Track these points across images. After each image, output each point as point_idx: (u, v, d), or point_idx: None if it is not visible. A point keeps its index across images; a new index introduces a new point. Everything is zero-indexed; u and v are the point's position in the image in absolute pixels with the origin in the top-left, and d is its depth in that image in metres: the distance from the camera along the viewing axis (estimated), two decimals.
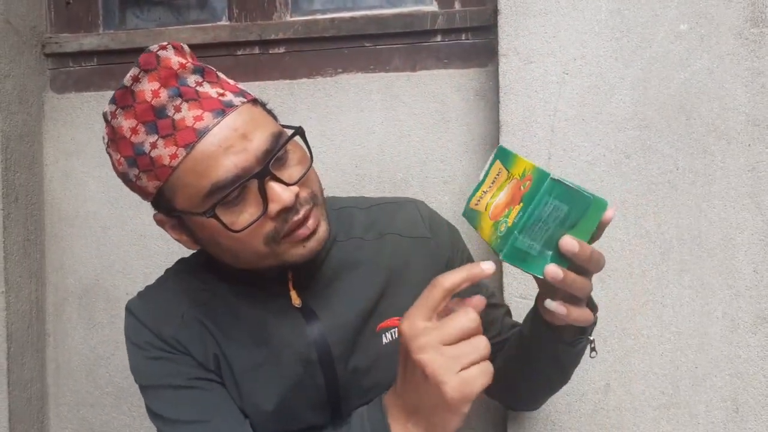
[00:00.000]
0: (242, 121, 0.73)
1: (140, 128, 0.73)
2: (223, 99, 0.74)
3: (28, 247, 1.44)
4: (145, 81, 0.73)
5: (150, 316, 0.87)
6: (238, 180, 0.71)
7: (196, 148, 0.71)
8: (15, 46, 1.40)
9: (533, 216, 0.59)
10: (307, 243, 0.77)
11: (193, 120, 0.72)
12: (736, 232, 1.15)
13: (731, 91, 1.14)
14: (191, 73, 0.75)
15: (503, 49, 1.19)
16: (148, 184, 0.76)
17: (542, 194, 0.59)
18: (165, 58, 0.74)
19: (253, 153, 0.72)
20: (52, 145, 1.48)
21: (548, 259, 0.62)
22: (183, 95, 0.73)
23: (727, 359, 1.15)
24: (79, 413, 1.49)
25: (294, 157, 0.77)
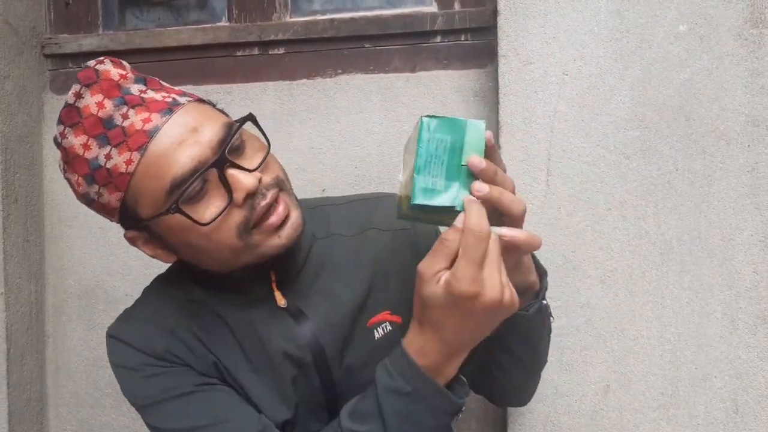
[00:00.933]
0: (191, 117, 0.74)
1: (92, 142, 0.73)
2: (168, 100, 0.75)
3: (27, 248, 1.44)
4: (87, 95, 0.73)
5: (138, 337, 0.85)
6: (195, 172, 0.71)
7: (149, 148, 0.71)
8: (14, 46, 1.40)
9: (421, 155, 0.64)
10: (282, 231, 0.76)
11: (141, 123, 0.72)
12: (736, 233, 1.15)
13: (731, 91, 1.14)
14: (133, 83, 0.75)
15: (503, 50, 1.19)
16: (110, 198, 0.75)
17: (421, 133, 0.64)
18: (104, 71, 0.74)
19: (207, 144, 0.72)
20: (51, 147, 1.48)
21: (456, 189, 0.65)
22: (128, 102, 0.73)
23: (726, 360, 1.15)
24: (78, 414, 1.49)
25: (251, 146, 0.77)
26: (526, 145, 1.18)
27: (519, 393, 0.99)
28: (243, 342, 0.86)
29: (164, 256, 0.81)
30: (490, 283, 0.62)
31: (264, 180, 0.75)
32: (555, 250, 1.18)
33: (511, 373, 0.90)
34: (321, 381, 0.86)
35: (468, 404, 1.33)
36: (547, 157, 1.18)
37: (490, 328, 0.68)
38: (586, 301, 1.18)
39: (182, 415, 0.82)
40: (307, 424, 0.87)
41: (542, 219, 1.18)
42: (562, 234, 1.18)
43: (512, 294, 0.65)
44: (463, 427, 1.33)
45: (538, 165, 1.18)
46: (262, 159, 0.76)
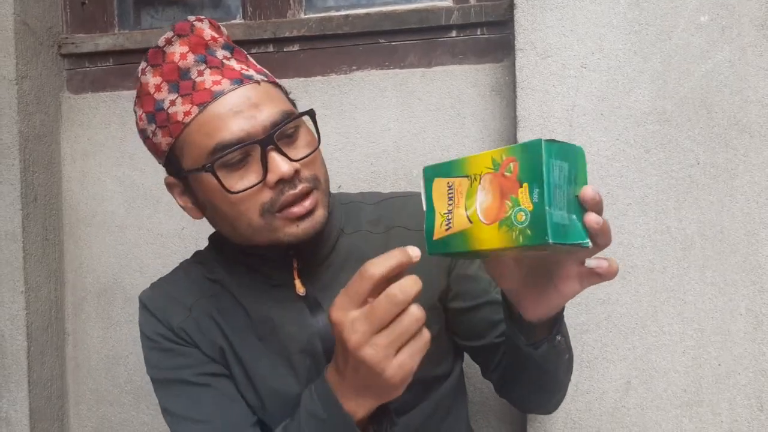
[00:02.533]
0: (257, 94, 0.77)
1: (164, 86, 0.78)
2: (245, 72, 0.79)
3: (46, 246, 1.45)
4: (176, 44, 0.79)
5: (159, 307, 0.89)
6: (240, 142, 0.74)
7: (209, 108, 0.75)
8: (31, 47, 1.41)
9: (551, 184, 0.54)
10: (301, 223, 0.78)
11: (211, 83, 0.76)
12: (760, 228, 1.12)
13: (753, 83, 1.12)
14: (221, 48, 0.81)
15: (520, 43, 1.18)
16: (162, 140, 0.80)
17: (547, 159, 0.54)
18: (199, 29, 0.80)
19: (261, 122, 0.76)
20: (69, 146, 1.49)
21: (578, 223, 0.57)
22: (208, 62, 0.78)
23: (751, 356, 1.13)
24: (98, 411, 1.50)
25: (304, 139, 0.80)
26: None
27: (540, 407, 0.98)
28: (257, 327, 0.87)
29: (193, 211, 0.86)
30: (374, 347, 0.60)
31: (302, 173, 0.78)
32: None
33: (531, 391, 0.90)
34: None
35: (488, 402, 1.32)
36: None
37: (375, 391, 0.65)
38: (606, 297, 1.17)
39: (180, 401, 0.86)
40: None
41: None
42: None
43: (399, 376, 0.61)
44: (483, 424, 1.32)
45: None
46: (308, 153, 0.79)
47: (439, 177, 0.63)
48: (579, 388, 1.17)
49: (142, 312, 0.91)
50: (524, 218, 0.55)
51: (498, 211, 0.57)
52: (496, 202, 0.57)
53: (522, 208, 0.55)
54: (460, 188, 0.61)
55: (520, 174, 0.56)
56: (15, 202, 1.37)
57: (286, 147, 0.77)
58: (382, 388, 0.64)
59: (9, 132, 1.37)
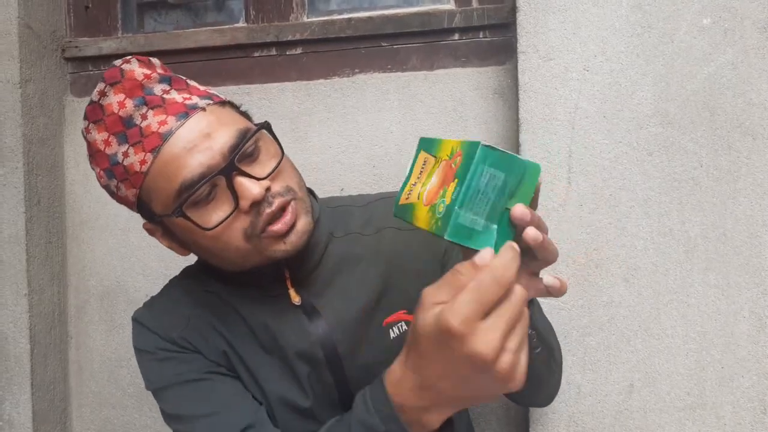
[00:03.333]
0: (206, 122, 0.76)
1: (112, 139, 0.77)
2: (188, 102, 0.77)
3: (49, 249, 1.45)
4: (111, 94, 0.76)
5: (157, 322, 0.89)
6: (203, 177, 0.73)
7: (162, 151, 0.74)
8: (35, 50, 1.42)
9: (471, 187, 0.55)
10: (288, 238, 0.77)
11: (158, 125, 0.75)
12: (763, 230, 1.12)
13: (756, 86, 1.12)
14: (157, 83, 0.78)
15: (522, 46, 1.18)
16: (127, 193, 0.79)
17: (476, 163, 0.55)
18: (129, 71, 0.77)
19: (218, 150, 0.74)
20: (72, 149, 1.50)
21: (494, 233, 0.57)
22: (148, 103, 0.76)
23: (754, 359, 1.13)
24: (101, 414, 1.50)
25: (267, 152, 0.79)
26: (547, 142, 1.17)
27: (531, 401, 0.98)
28: (258, 335, 0.87)
29: (178, 249, 0.85)
30: (485, 334, 0.51)
31: (273, 188, 0.76)
32: (577, 248, 1.16)
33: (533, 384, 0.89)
34: (334, 378, 0.86)
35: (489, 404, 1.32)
36: (569, 155, 1.17)
37: (477, 391, 0.57)
38: (609, 299, 1.16)
39: (188, 400, 0.84)
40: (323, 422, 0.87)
41: (564, 217, 1.17)
42: (584, 232, 1.16)
43: (513, 366, 0.53)
44: (485, 427, 1.32)
45: (560, 162, 1.17)
46: (273, 167, 0.77)
47: (425, 150, 0.67)
48: (582, 391, 1.17)
49: (138, 330, 0.90)
50: (442, 210, 0.58)
51: (434, 196, 0.60)
52: (436, 188, 0.61)
53: (444, 200, 0.58)
54: (427, 166, 0.65)
55: (458, 169, 0.58)
56: (18, 204, 1.37)
57: (249, 166, 0.76)
58: (488, 387, 0.55)
59: (13, 135, 1.37)
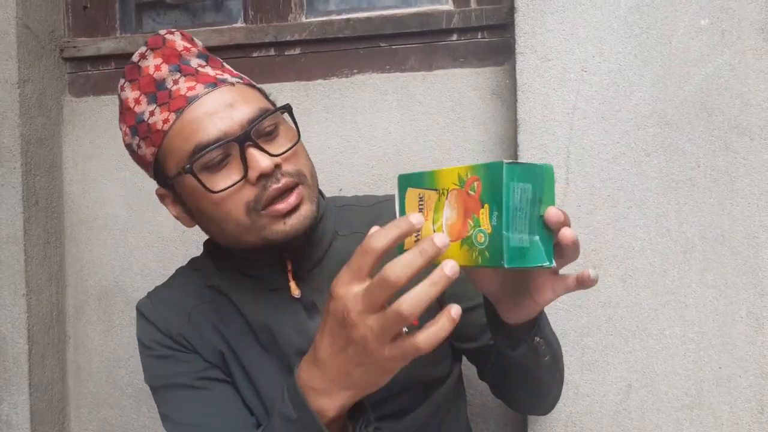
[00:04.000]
0: (231, 96, 0.79)
1: (142, 99, 0.81)
2: (218, 77, 0.81)
3: (48, 249, 1.45)
4: (150, 57, 0.82)
5: (157, 314, 0.90)
6: (218, 141, 0.76)
7: (185, 112, 0.77)
8: (34, 50, 1.42)
9: (510, 208, 0.54)
10: (288, 220, 0.78)
11: (186, 90, 0.79)
12: (760, 230, 1.13)
13: (753, 86, 1.12)
14: (195, 57, 0.83)
15: (520, 47, 1.18)
16: (146, 151, 0.82)
17: (507, 182, 0.54)
18: (171, 40, 0.83)
19: (237, 120, 0.77)
20: (71, 149, 1.50)
21: (540, 244, 0.57)
22: (182, 71, 0.80)
23: (751, 359, 1.13)
24: (99, 415, 1.50)
25: (285, 136, 0.82)
26: (545, 143, 1.17)
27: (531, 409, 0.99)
28: (256, 332, 0.87)
29: (185, 220, 0.87)
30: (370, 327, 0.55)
31: (284, 167, 0.78)
32: None
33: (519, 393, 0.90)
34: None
35: (488, 404, 1.32)
36: (567, 155, 1.17)
37: (372, 374, 0.60)
38: (607, 299, 1.17)
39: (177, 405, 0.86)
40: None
41: None
42: (582, 232, 1.17)
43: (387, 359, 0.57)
44: (483, 427, 1.32)
45: (558, 163, 1.17)
46: (288, 148, 0.79)
47: (412, 187, 0.63)
48: (580, 391, 1.18)
49: (139, 321, 0.91)
50: (483, 240, 0.56)
51: (461, 229, 0.58)
52: (460, 219, 0.58)
53: (482, 229, 0.56)
54: (429, 201, 0.61)
55: (482, 194, 0.56)
56: (17, 205, 1.37)
57: (266, 144, 0.78)
58: (368, 375, 0.60)
59: (11, 135, 1.37)
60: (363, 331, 0.56)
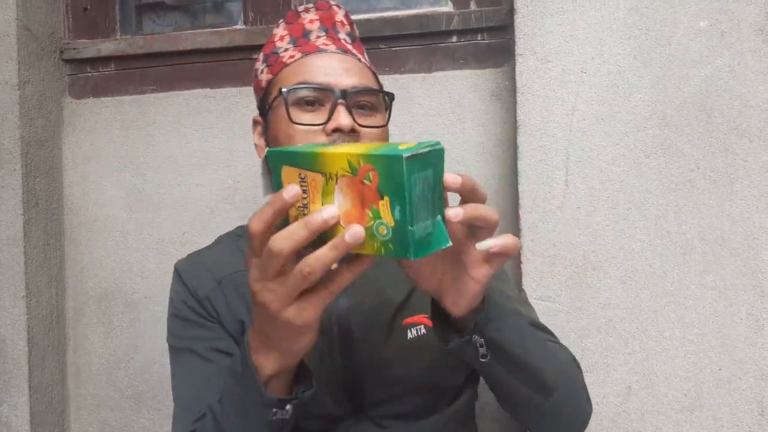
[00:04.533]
0: (353, 65, 0.88)
1: (286, 38, 0.92)
2: (353, 51, 0.91)
3: (47, 251, 1.45)
4: (311, 13, 0.93)
5: (191, 276, 0.94)
6: (318, 85, 0.84)
7: (309, 56, 0.88)
8: (34, 52, 1.42)
9: (413, 201, 0.52)
10: None
11: (321, 44, 0.89)
12: (760, 232, 1.13)
13: (753, 88, 1.12)
14: (345, 33, 0.94)
15: (520, 48, 1.18)
16: (264, 77, 0.92)
17: (408, 177, 0.51)
18: (333, 10, 0.94)
19: (344, 81, 0.85)
20: (71, 151, 1.50)
21: (442, 223, 0.56)
22: (327, 33, 0.92)
23: (751, 361, 1.13)
24: (99, 416, 1.50)
25: (376, 118, 0.88)
26: (545, 144, 1.17)
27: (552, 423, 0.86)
28: None
29: (261, 150, 0.95)
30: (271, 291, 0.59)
31: (359, 137, 0.84)
32: (575, 250, 1.17)
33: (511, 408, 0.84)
34: (343, 361, 0.86)
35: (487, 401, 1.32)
36: (566, 157, 1.17)
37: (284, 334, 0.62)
38: (606, 301, 1.17)
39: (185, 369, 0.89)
40: (323, 403, 0.86)
41: (561, 219, 1.17)
42: (581, 234, 1.17)
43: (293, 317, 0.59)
44: (482, 428, 1.31)
45: (557, 164, 1.17)
46: (371, 126, 0.86)
47: (288, 165, 0.59)
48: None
49: (174, 280, 0.96)
50: (386, 232, 0.54)
51: (359, 219, 0.55)
52: (357, 209, 0.55)
53: (383, 222, 0.54)
54: (314, 183, 0.57)
55: (380, 185, 0.53)
56: (16, 206, 1.38)
57: (358, 115, 0.85)
58: (284, 336, 0.62)
59: (11, 137, 1.37)
60: (262, 296, 0.59)
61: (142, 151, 1.46)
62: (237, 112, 1.41)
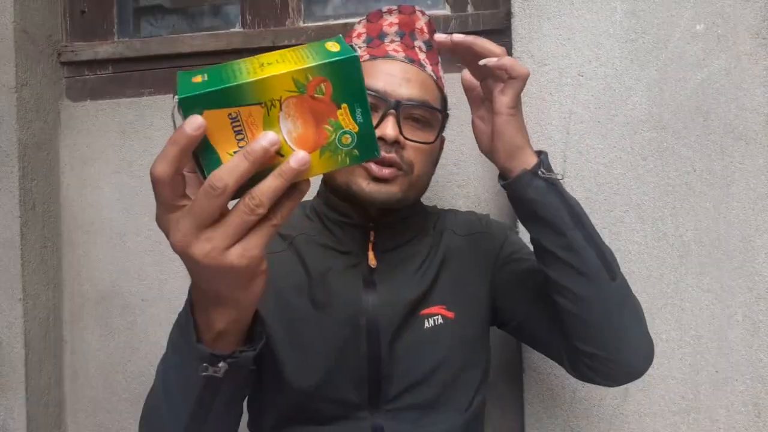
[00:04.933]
0: (417, 77, 0.88)
1: (362, 36, 0.93)
2: (423, 62, 0.90)
3: (45, 254, 1.45)
4: (393, 16, 0.93)
5: None
6: (374, 90, 0.84)
7: (375, 61, 0.88)
8: (31, 55, 1.42)
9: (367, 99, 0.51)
10: (372, 184, 0.85)
11: (392, 49, 0.90)
12: (756, 234, 1.13)
13: (749, 91, 1.13)
14: (423, 42, 0.93)
15: (517, 52, 1.19)
16: None
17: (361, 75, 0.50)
18: (416, 17, 0.93)
19: (401, 92, 0.85)
20: (68, 153, 1.50)
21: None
22: (402, 39, 0.91)
23: (748, 363, 1.14)
24: (96, 419, 1.50)
25: (427, 134, 0.88)
26: (542, 147, 1.17)
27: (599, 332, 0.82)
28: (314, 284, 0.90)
29: None
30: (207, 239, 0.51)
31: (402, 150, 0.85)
32: None
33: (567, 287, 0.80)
34: (368, 351, 0.88)
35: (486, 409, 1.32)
36: (563, 159, 1.17)
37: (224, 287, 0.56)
38: None
39: None
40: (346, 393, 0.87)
41: None
42: None
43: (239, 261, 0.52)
44: None
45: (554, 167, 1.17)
46: (418, 140, 0.86)
47: (211, 109, 0.50)
48: (577, 395, 1.18)
49: None
50: (350, 140, 0.53)
51: (316, 138, 0.52)
52: (311, 129, 0.52)
53: (346, 130, 0.52)
54: (251, 119, 0.51)
55: (334, 95, 0.51)
56: (13, 209, 1.37)
57: (407, 125, 0.86)
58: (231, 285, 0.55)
59: (8, 140, 1.37)
60: (198, 249, 0.51)
61: (140, 153, 1.46)
62: None
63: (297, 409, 0.88)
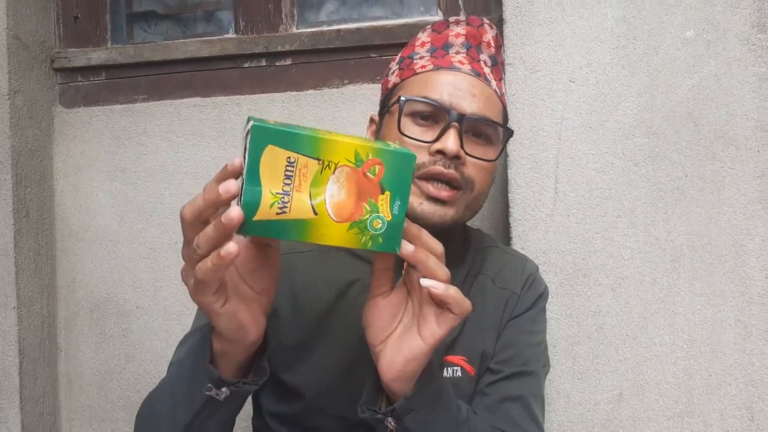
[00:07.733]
0: (482, 91, 0.84)
1: (426, 45, 0.90)
2: (487, 76, 0.87)
3: (39, 261, 1.45)
4: (460, 27, 0.89)
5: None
6: (436, 102, 0.81)
7: (440, 71, 0.85)
8: (24, 61, 1.42)
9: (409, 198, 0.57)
10: (426, 204, 0.80)
11: (457, 60, 0.86)
12: (747, 239, 1.14)
13: (739, 97, 1.14)
14: (488, 56, 0.89)
15: (509, 58, 1.19)
16: (392, 78, 0.91)
17: (410, 173, 0.56)
18: (484, 30, 0.89)
19: (466, 105, 0.82)
20: (61, 160, 1.50)
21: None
22: (468, 51, 0.88)
23: (741, 367, 1.14)
24: (90, 427, 1.49)
25: (490, 150, 0.85)
26: (534, 153, 1.18)
27: None
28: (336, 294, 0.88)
29: None
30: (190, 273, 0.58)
31: (463, 167, 0.81)
32: (565, 258, 1.17)
33: None
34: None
35: None
36: (555, 165, 1.18)
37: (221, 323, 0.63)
38: (596, 308, 1.17)
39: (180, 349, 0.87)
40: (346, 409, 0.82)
41: (551, 227, 1.18)
42: (571, 242, 1.17)
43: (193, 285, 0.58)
44: None
45: (546, 173, 1.18)
46: (479, 157, 0.82)
47: (276, 145, 0.52)
48: (571, 400, 1.18)
49: None
50: (381, 226, 0.56)
51: (353, 211, 0.55)
52: (352, 200, 0.55)
53: (380, 215, 0.56)
54: (305, 170, 0.53)
55: (384, 180, 0.55)
56: (7, 216, 1.37)
57: (469, 140, 0.82)
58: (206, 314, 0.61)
59: (1, 147, 1.37)
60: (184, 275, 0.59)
61: (134, 160, 1.46)
62: (228, 121, 1.41)
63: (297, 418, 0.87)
